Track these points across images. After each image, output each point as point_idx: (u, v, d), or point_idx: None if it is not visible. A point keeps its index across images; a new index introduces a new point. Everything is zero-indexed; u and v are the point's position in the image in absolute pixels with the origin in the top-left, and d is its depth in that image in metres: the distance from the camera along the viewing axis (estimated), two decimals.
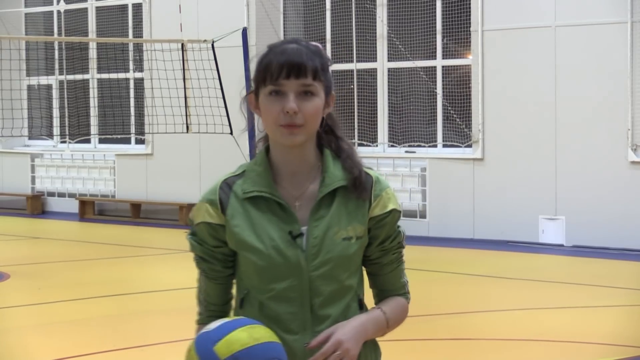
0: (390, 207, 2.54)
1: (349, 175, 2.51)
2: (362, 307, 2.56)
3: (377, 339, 2.61)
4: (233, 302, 2.64)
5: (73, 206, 17.24)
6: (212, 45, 14.41)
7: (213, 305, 2.62)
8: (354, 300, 2.55)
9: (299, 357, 2.45)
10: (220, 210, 2.52)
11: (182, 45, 14.79)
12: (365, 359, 2.53)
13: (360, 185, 2.51)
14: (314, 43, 2.53)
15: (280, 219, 2.49)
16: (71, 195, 17.37)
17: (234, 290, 2.64)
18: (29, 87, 18.50)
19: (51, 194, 17.73)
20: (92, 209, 17.01)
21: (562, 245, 12.60)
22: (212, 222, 2.52)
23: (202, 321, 2.60)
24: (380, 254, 2.57)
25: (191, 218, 2.60)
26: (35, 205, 17.58)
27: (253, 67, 2.56)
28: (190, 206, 15.42)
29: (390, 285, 2.63)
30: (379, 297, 2.63)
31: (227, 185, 2.55)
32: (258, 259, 2.47)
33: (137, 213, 16.44)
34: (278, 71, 2.42)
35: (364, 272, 2.63)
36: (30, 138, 18.35)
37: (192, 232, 2.59)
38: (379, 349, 2.65)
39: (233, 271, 2.60)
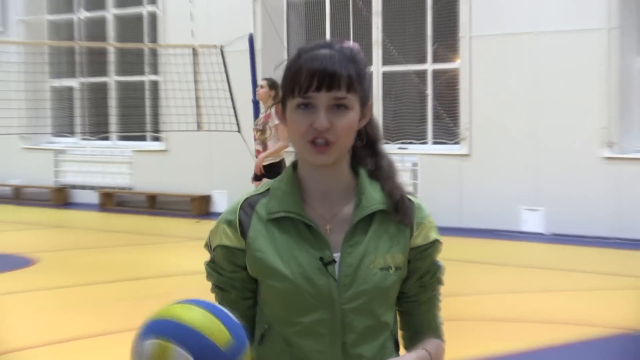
0: (433, 237, 2.12)
1: (389, 199, 2.08)
2: (398, 349, 2.14)
3: None
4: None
5: (94, 198, 17.25)
6: (221, 50, 14.50)
7: None
8: (390, 341, 2.10)
9: None
10: (239, 233, 2.07)
11: (194, 50, 14.87)
12: None
13: (402, 209, 2.08)
14: (349, 45, 2.09)
15: (309, 244, 2.04)
16: (92, 188, 17.37)
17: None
18: (53, 89, 18.49)
19: (74, 187, 17.75)
20: (111, 201, 17.02)
21: (542, 234, 12.62)
22: (230, 246, 2.07)
23: None
24: (419, 291, 2.13)
25: (208, 242, 2.15)
26: (60, 197, 17.60)
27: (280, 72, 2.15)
28: (201, 198, 15.54)
29: (425, 327, 2.17)
30: (412, 340, 2.17)
31: (249, 205, 2.10)
32: (284, 288, 2.02)
33: (153, 204, 16.45)
34: (308, 82, 1.98)
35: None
36: (54, 135, 18.34)
37: (211, 260, 2.15)
38: None
39: (251, 304, 2.13)
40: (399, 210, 2.07)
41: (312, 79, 1.98)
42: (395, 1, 14.35)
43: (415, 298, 2.14)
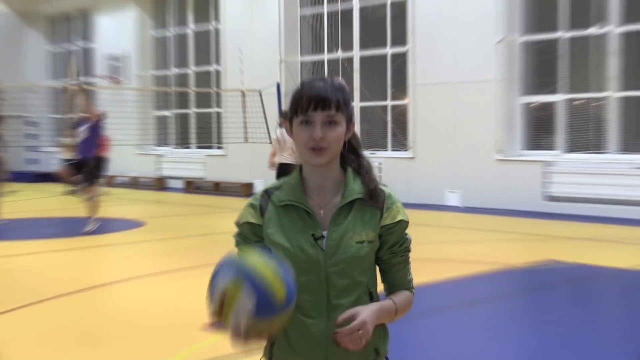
0: (399, 218, 1.88)
1: (365, 189, 1.85)
2: (372, 299, 1.88)
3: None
4: None
5: (180, 184, 17.18)
6: (260, 93, 14.53)
7: None
8: (364, 293, 1.85)
9: (314, 337, 1.82)
10: (260, 214, 1.87)
11: (242, 93, 14.88)
12: (376, 339, 1.87)
13: (374, 197, 1.85)
14: (338, 79, 1.87)
15: (306, 224, 1.83)
16: (180, 178, 17.30)
17: None
18: (155, 117, 18.49)
19: (169, 177, 17.69)
20: (191, 186, 16.95)
21: (458, 207, 12.58)
22: (254, 222, 1.87)
23: None
24: (390, 256, 1.90)
25: (237, 220, 1.93)
26: (159, 184, 17.54)
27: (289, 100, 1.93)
28: (247, 184, 15.51)
29: (397, 282, 1.94)
30: (389, 290, 1.95)
31: (267, 194, 1.90)
32: (286, 256, 1.79)
33: (217, 188, 16.36)
34: (307, 104, 1.77)
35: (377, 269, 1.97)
36: (156, 145, 18.31)
37: (237, 232, 1.93)
38: (388, 332, 1.95)
39: None
40: (372, 197, 1.84)
41: (310, 102, 1.77)
42: (368, 62, 14.30)
43: (388, 261, 1.90)
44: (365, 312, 1.77)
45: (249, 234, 1.88)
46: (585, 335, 5.06)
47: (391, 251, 1.89)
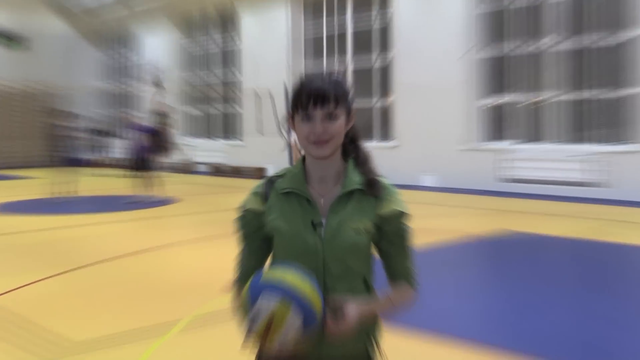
0: (394, 207, 1.56)
1: (364, 179, 1.56)
2: (367, 287, 1.57)
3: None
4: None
5: (209, 168, 16.95)
6: (269, 92, 14.42)
7: (247, 270, 1.60)
8: (359, 281, 1.55)
9: None
10: (263, 201, 1.59)
11: (256, 92, 14.73)
12: (369, 326, 1.57)
13: (371, 187, 1.55)
14: (336, 74, 1.57)
15: (305, 211, 1.54)
16: (208, 164, 17.07)
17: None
18: (187, 114, 18.25)
19: (198, 163, 17.45)
20: (217, 169, 16.77)
21: (433, 187, 12.23)
22: (256, 209, 1.59)
23: (237, 279, 1.62)
24: (388, 246, 1.57)
25: (242, 205, 1.64)
26: (189, 168, 17.34)
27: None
28: (260, 168, 15.42)
29: (396, 272, 1.59)
30: (389, 282, 1.61)
31: (270, 182, 1.61)
32: (285, 241, 1.54)
33: (238, 172, 16.25)
34: (307, 101, 1.48)
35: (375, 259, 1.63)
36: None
37: (239, 216, 1.63)
38: (381, 320, 1.61)
39: (266, 249, 1.61)
40: (369, 187, 1.55)
41: (309, 99, 1.48)
42: (357, 73, 14.15)
43: (387, 251, 1.58)
44: (352, 312, 1.47)
45: (252, 221, 1.60)
46: (534, 289, 4.94)
47: (389, 240, 1.57)
